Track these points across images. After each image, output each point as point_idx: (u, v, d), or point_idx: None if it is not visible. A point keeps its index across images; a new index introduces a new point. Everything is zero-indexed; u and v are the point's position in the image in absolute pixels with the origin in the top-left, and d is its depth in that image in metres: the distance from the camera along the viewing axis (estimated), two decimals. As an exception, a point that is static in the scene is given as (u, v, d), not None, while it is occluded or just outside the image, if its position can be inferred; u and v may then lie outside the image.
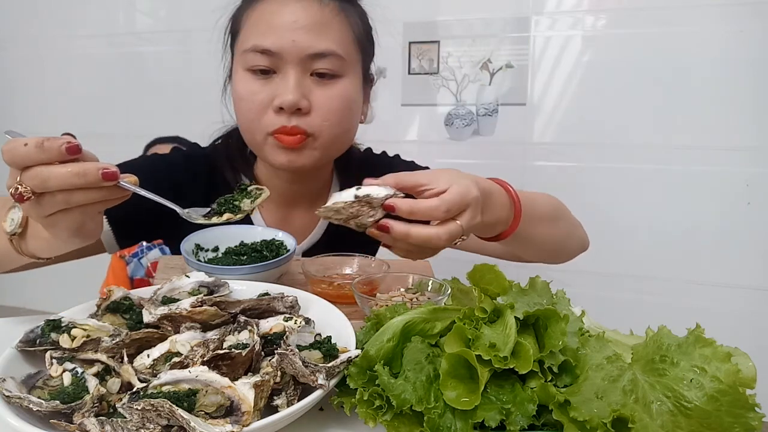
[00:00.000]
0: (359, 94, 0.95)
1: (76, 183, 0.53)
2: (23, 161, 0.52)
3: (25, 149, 0.52)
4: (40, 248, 0.64)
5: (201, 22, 0.95)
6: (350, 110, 0.92)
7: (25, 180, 0.52)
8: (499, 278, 0.54)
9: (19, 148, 0.52)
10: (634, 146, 1.80)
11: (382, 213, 0.62)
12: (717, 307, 1.77)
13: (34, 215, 0.56)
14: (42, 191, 0.53)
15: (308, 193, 1.04)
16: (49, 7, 2.38)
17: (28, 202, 0.53)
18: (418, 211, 0.62)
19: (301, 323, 0.55)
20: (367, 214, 0.62)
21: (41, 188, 0.53)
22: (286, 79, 0.86)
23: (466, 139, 1.97)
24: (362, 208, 0.61)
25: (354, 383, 0.49)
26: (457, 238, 0.64)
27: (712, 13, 1.68)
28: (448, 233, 0.62)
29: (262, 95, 0.87)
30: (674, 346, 0.47)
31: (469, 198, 0.63)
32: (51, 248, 0.63)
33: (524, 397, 0.46)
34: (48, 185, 0.52)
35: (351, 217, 0.62)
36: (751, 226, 1.73)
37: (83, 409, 0.45)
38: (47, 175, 0.52)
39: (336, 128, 0.90)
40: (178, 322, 0.56)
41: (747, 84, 1.68)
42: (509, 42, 1.88)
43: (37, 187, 0.53)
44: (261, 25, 0.87)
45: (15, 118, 2.47)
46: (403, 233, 0.62)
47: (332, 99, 0.88)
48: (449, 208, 0.62)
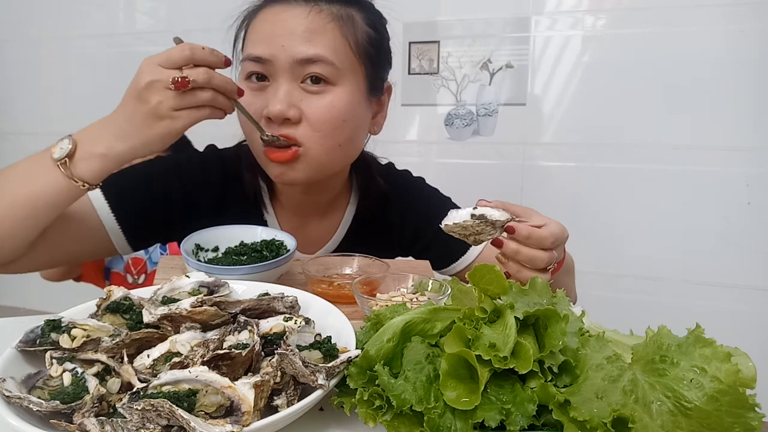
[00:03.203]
0: (359, 105, 0.91)
1: (226, 87, 0.75)
2: (200, 60, 0.73)
3: (205, 52, 0.73)
4: (91, 168, 0.75)
5: (201, 22, 0.95)
6: (344, 121, 0.88)
7: (194, 74, 0.72)
8: (499, 278, 0.54)
9: (200, 50, 0.73)
10: (635, 146, 1.80)
11: (500, 233, 0.72)
12: (717, 307, 1.76)
13: (170, 105, 0.72)
14: (202, 85, 0.72)
15: (321, 203, 1.04)
16: (48, 7, 2.37)
17: (177, 92, 0.71)
18: (533, 238, 0.73)
19: (301, 323, 0.55)
20: (488, 232, 0.72)
21: (205, 83, 0.72)
22: (276, 88, 0.86)
23: (466, 139, 1.97)
24: (486, 227, 0.71)
25: (354, 383, 0.49)
26: (550, 264, 0.75)
27: (712, 13, 1.68)
28: (549, 258, 0.75)
29: (255, 106, 0.87)
30: (674, 346, 0.47)
31: (565, 235, 0.78)
32: (105, 165, 0.75)
33: (524, 397, 0.46)
34: (212, 81, 0.73)
35: (473, 234, 0.72)
36: (751, 226, 1.73)
37: (83, 409, 0.45)
38: (214, 74, 0.74)
39: (328, 140, 0.88)
40: (178, 322, 0.56)
41: (747, 84, 1.68)
42: (509, 42, 1.88)
43: (204, 81, 0.72)
44: (256, 34, 0.89)
45: (15, 117, 2.47)
46: (514, 250, 0.74)
47: (322, 108, 0.86)
48: (555, 241, 0.75)
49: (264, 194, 1.03)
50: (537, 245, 0.74)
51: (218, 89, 0.75)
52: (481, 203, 0.72)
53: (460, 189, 1.15)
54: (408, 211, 1.09)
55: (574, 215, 1.49)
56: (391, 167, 1.14)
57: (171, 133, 0.75)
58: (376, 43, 0.93)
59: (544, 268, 0.75)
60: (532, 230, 0.73)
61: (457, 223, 0.71)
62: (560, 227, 0.77)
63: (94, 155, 0.74)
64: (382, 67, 0.97)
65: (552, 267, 0.77)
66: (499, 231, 0.72)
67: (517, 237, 0.73)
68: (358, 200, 1.08)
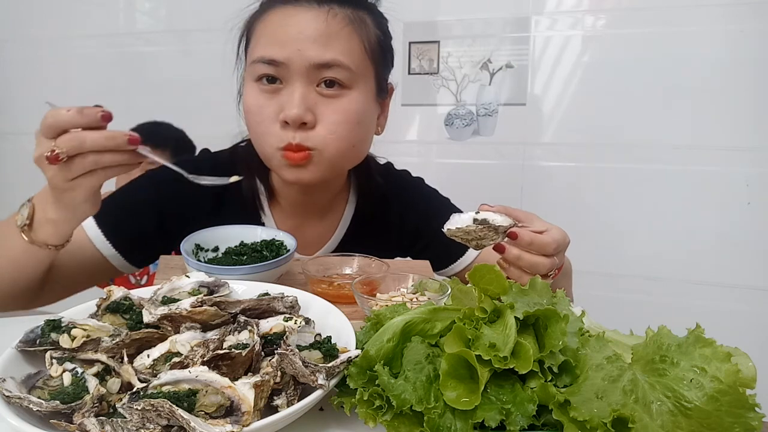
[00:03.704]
0: (371, 106, 0.92)
1: (107, 145, 0.65)
2: (65, 124, 0.64)
3: (68, 114, 0.64)
4: (48, 234, 0.73)
5: (201, 22, 0.95)
6: (358, 124, 0.89)
7: (63, 142, 0.64)
8: (499, 278, 0.54)
9: (63, 114, 0.64)
10: (634, 146, 1.80)
11: (502, 238, 0.72)
12: (717, 307, 1.77)
13: (61, 178, 0.66)
14: (77, 152, 0.64)
15: (320, 204, 1.04)
16: (48, 7, 2.37)
17: (58, 165, 0.64)
18: (535, 244, 0.73)
19: (301, 323, 0.55)
20: (490, 237, 0.71)
21: (77, 149, 0.64)
22: (292, 92, 0.85)
23: (466, 139, 1.97)
24: (489, 232, 0.70)
25: (354, 383, 0.49)
26: (551, 270, 0.76)
27: (712, 13, 1.68)
28: (551, 264, 0.75)
29: (269, 109, 0.86)
30: (674, 346, 0.47)
31: (567, 241, 0.78)
32: (58, 230, 0.73)
33: (524, 397, 0.46)
34: (84, 146, 0.64)
35: (475, 239, 0.71)
36: (751, 226, 1.73)
37: (83, 409, 0.45)
38: (84, 137, 0.64)
39: (343, 142, 0.88)
40: (178, 322, 0.56)
41: (747, 84, 1.68)
42: (509, 42, 1.88)
43: (74, 148, 0.64)
44: (268, 35, 0.87)
45: (14, 117, 2.47)
46: (516, 256, 0.74)
47: (338, 113, 0.86)
48: (557, 247, 0.75)
49: (261, 196, 1.03)
50: (539, 251, 0.74)
51: (99, 150, 0.65)
52: (483, 208, 0.72)
53: (460, 189, 1.15)
54: (407, 211, 1.09)
55: (574, 215, 1.49)
56: (389, 167, 1.14)
57: (80, 201, 0.70)
58: (384, 45, 0.94)
59: (546, 274, 0.75)
60: (534, 236, 0.73)
61: (459, 228, 0.70)
62: (562, 233, 0.77)
63: (47, 221, 0.73)
64: (388, 68, 0.97)
65: (553, 273, 0.77)
66: (501, 236, 0.72)
67: (520, 243, 0.73)
68: (357, 200, 1.08)
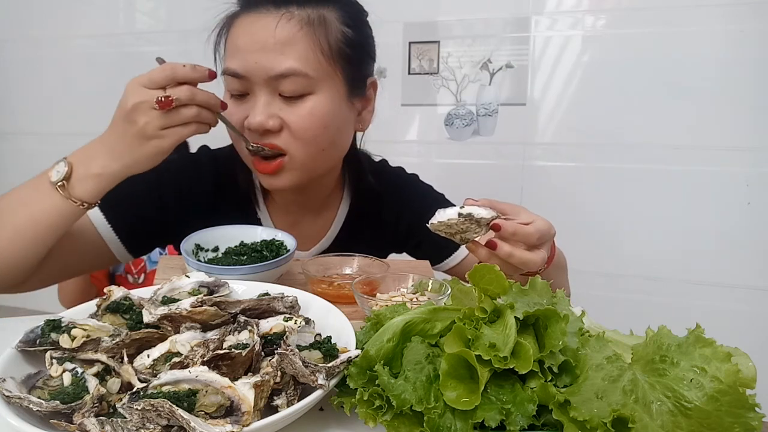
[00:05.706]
0: (340, 107, 0.91)
1: (209, 102, 0.77)
2: (181, 77, 0.74)
3: (185, 69, 0.75)
4: (86, 189, 0.77)
5: (201, 22, 0.95)
6: (325, 127, 0.88)
7: (177, 92, 0.73)
8: (499, 278, 0.54)
9: (181, 67, 0.75)
10: (634, 146, 1.80)
11: (486, 231, 0.71)
12: (717, 307, 1.76)
13: (157, 125, 0.74)
14: (185, 103, 0.74)
15: (314, 201, 1.05)
16: (48, 7, 2.37)
17: (162, 111, 0.73)
18: (519, 235, 0.73)
19: (301, 323, 0.55)
20: (474, 230, 0.71)
21: (189, 99, 0.74)
22: (256, 100, 0.86)
23: (466, 139, 1.97)
24: (471, 225, 0.70)
25: (354, 383, 0.49)
26: (541, 266, 0.75)
27: (712, 13, 1.67)
28: (541, 259, 0.75)
29: (237, 116, 0.88)
30: (674, 346, 0.47)
31: (552, 233, 0.78)
32: (100, 185, 0.77)
33: (524, 397, 0.46)
34: (195, 99, 0.75)
35: (459, 232, 0.71)
36: (751, 226, 1.73)
37: (83, 409, 0.45)
38: (195, 91, 0.75)
39: (311, 146, 0.89)
40: (178, 322, 0.56)
41: (747, 84, 1.68)
42: (509, 42, 1.88)
43: (187, 98, 0.74)
44: (231, 47, 0.89)
45: (15, 117, 2.47)
46: (507, 253, 0.72)
47: (302, 117, 0.86)
48: (540, 237, 0.74)
49: (257, 193, 1.04)
50: (523, 241, 0.74)
51: (202, 105, 0.76)
52: (468, 202, 0.72)
53: (460, 189, 1.15)
54: (401, 208, 1.09)
55: (573, 215, 1.49)
56: (384, 164, 1.15)
57: (160, 152, 0.77)
58: (353, 42, 0.91)
59: (536, 271, 0.75)
60: (517, 227, 0.73)
61: (442, 222, 0.70)
62: (547, 224, 0.77)
63: (90, 176, 0.77)
64: (362, 64, 0.95)
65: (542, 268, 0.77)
66: (485, 229, 0.71)
67: (503, 234, 0.72)
68: (351, 198, 1.09)
